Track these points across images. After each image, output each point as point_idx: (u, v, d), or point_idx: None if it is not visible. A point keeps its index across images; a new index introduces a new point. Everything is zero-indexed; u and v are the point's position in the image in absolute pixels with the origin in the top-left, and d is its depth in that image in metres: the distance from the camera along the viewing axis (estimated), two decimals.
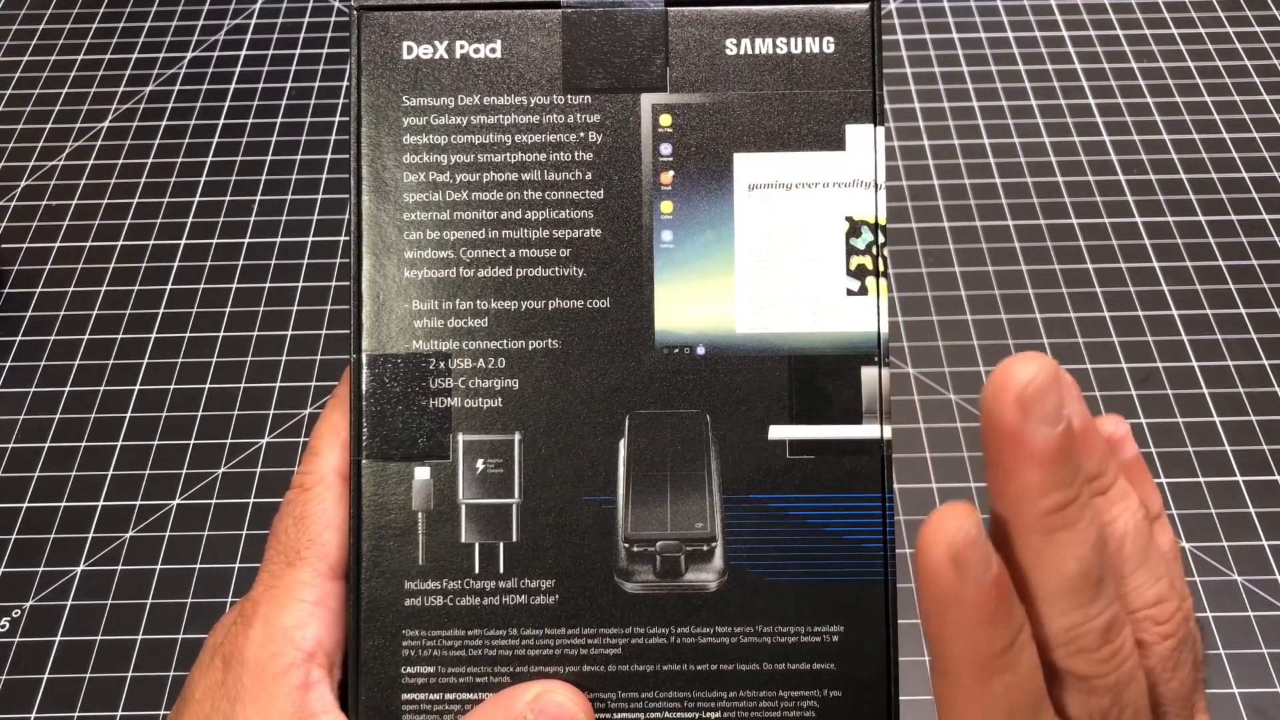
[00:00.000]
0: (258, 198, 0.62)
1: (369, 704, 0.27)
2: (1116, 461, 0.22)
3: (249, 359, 0.55)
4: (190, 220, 0.61)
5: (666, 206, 0.28)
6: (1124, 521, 0.21)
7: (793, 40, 0.28)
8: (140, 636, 0.47)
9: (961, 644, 0.20)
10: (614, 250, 0.28)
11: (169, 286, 0.58)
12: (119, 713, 0.45)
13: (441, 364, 0.28)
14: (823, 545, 0.27)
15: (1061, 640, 0.20)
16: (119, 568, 0.48)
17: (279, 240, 0.60)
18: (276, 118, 0.66)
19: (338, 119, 0.66)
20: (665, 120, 0.28)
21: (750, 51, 0.28)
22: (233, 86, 0.68)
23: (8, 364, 0.55)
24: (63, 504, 0.50)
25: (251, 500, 0.51)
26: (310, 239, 0.60)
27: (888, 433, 0.28)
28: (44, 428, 0.53)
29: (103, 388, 0.54)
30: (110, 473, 0.51)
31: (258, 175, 0.63)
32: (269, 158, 0.64)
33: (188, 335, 0.56)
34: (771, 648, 0.27)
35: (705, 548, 0.28)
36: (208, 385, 0.54)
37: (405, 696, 0.27)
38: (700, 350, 0.28)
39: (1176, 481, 0.50)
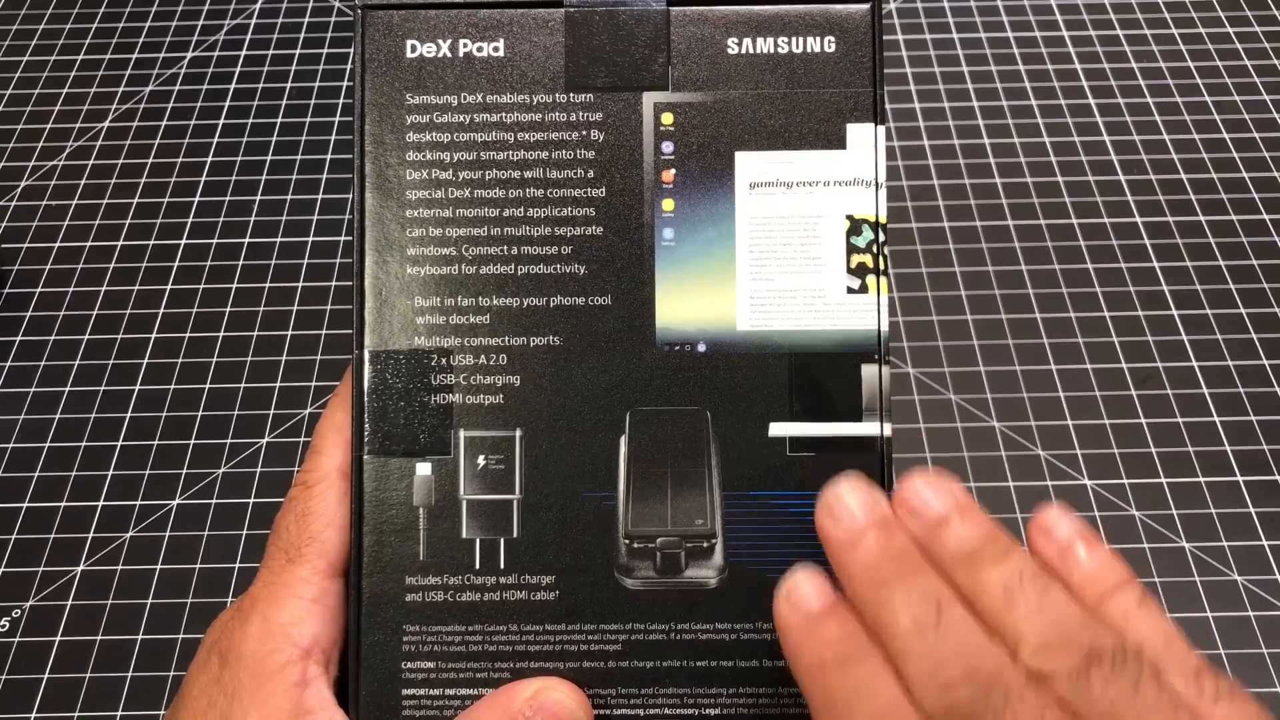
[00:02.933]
0: (258, 198, 0.62)
1: (370, 699, 0.27)
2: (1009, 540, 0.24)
3: (249, 359, 0.55)
4: (190, 220, 0.61)
5: (668, 204, 0.28)
6: (996, 576, 0.24)
7: (794, 40, 0.29)
8: (140, 636, 0.47)
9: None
10: (615, 248, 0.28)
11: (169, 286, 0.58)
12: (119, 713, 0.45)
13: (443, 360, 0.28)
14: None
15: (916, 673, 0.23)
16: (119, 568, 0.48)
17: (279, 240, 0.60)
18: (276, 118, 0.66)
19: (338, 119, 0.66)
20: (667, 119, 0.29)
21: (752, 51, 0.29)
22: (233, 86, 0.68)
23: (8, 364, 0.55)
24: (63, 504, 0.50)
25: (251, 500, 0.51)
26: (310, 239, 0.60)
27: (888, 430, 0.28)
28: (44, 428, 0.53)
29: (103, 388, 0.54)
30: (110, 473, 0.51)
31: (258, 175, 0.63)
32: (269, 158, 0.64)
33: (188, 335, 0.56)
34: (771, 644, 0.28)
35: (705, 544, 0.28)
36: (208, 385, 0.54)
37: (406, 691, 0.27)
38: (701, 347, 0.28)
39: (1176, 481, 0.50)
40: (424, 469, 0.28)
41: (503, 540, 0.28)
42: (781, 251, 0.28)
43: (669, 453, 0.28)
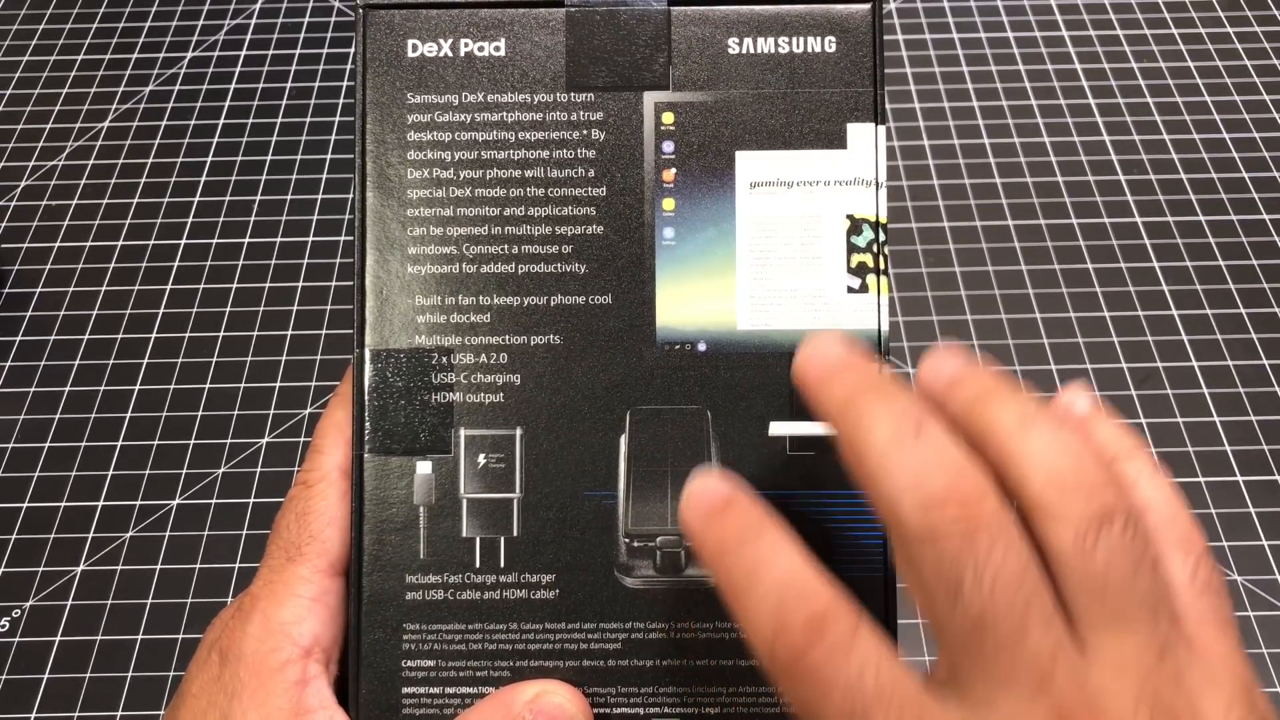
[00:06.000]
0: (258, 198, 0.62)
1: (370, 697, 0.27)
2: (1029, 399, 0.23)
3: (249, 359, 0.55)
4: (190, 220, 0.61)
5: (669, 204, 0.28)
6: (1010, 410, 0.22)
7: (794, 39, 0.29)
8: (140, 636, 0.47)
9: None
10: (616, 247, 0.28)
11: (169, 286, 0.58)
12: (119, 713, 0.45)
13: (444, 359, 0.28)
14: (822, 541, 0.27)
15: (890, 491, 0.21)
16: (119, 568, 0.48)
17: (279, 240, 0.60)
18: (276, 118, 0.66)
19: (338, 119, 0.66)
20: (668, 118, 0.29)
21: (752, 50, 0.29)
22: (233, 86, 0.68)
23: (8, 364, 0.55)
24: (63, 504, 0.50)
25: (251, 500, 0.51)
26: (310, 239, 0.60)
27: None
28: (44, 428, 0.53)
29: (103, 388, 0.54)
30: (110, 473, 0.51)
31: (258, 175, 0.63)
32: (269, 158, 0.64)
33: (188, 335, 0.56)
34: None
35: None
36: (208, 385, 0.54)
37: (406, 690, 0.27)
38: (701, 346, 0.28)
39: (1177, 481, 0.50)
40: (424, 468, 0.28)
41: (503, 539, 0.28)
42: (782, 251, 0.28)
43: (669, 452, 0.28)
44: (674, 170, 0.28)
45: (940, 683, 0.21)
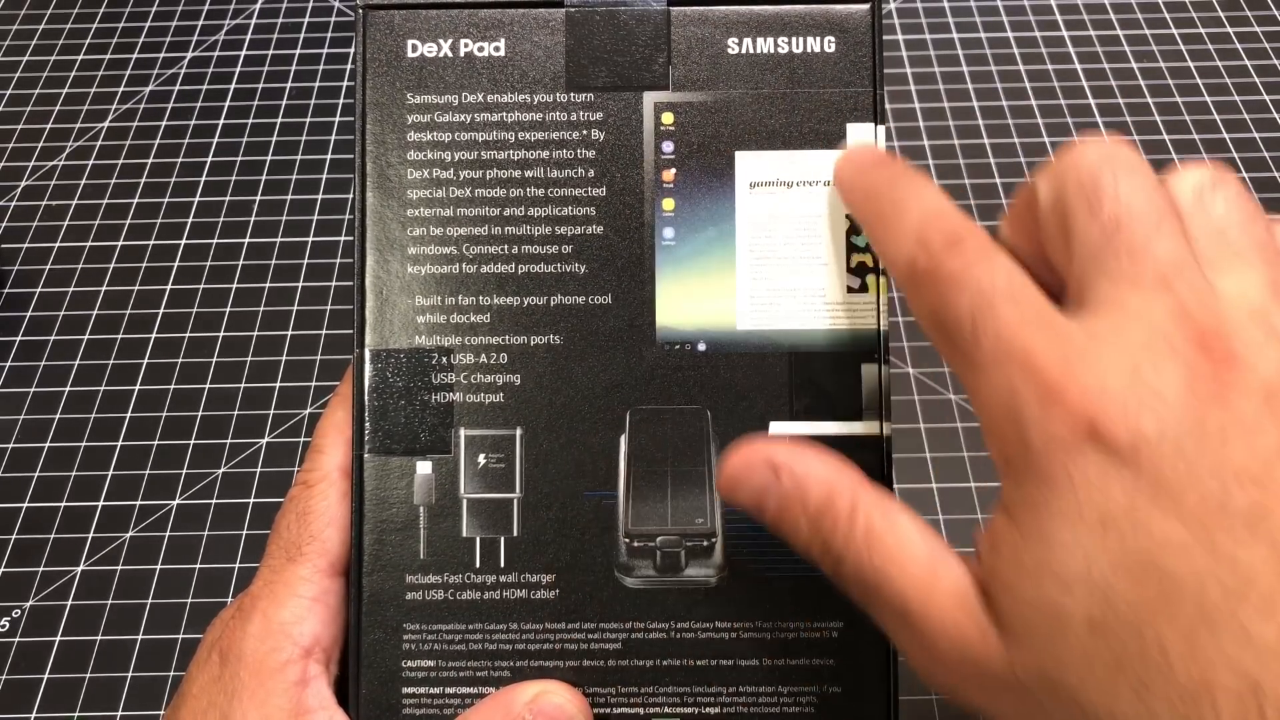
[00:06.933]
0: (258, 198, 0.62)
1: (370, 697, 0.27)
2: None
3: (249, 359, 0.55)
4: (190, 220, 0.61)
5: (668, 204, 0.28)
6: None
7: (794, 40, 0.29)
8: (140, 636, 0.47)
9: None
10: (616, 247, 0.28)
11: (169, 286, 0.58)
12: (119, 713, 0.45)
13: (444, 359, 0.28)
14: None
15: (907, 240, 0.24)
16: (119, 568, 0.48)
17: (279, 240, 0.60)
18: (276, 118, 0.66)
19: (338, 119, 0.66)
20: (667, 118, 0.29)
21: (752, 51, 0.29)
22: (233, 86, 0.68)
23: (8, 364, 0.55)
24: (63, 504, 0.50)
25: (251, 500, 0.50)
26: (310, 239, 0.60)
27: (888, 429, 0.28)
28: (44, 428, 0.53)
29: (103, 388, 0.54)
30: (110, 473, 0.51)
31: (258, 175, 0.63)
32: (269, 158, 0.64)
33: (188, 335, 0.56)
34: (771, 643, 0.28)
35: (705, 543, 0.28)
36: (208, 385, 0.54)
37: (406, 690, 0.27)
38: (701, 346, 0.28)
39: None
40: (424, 468, 0.28)
41: (503, 539, 0.28)
42: (782, 251, 0.28)
43: (669, 452, 0.28)
44: (674, 170, 0.28)
45: (1066, 303, 0.23)
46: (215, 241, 0.60)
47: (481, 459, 0.28)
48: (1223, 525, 0.19)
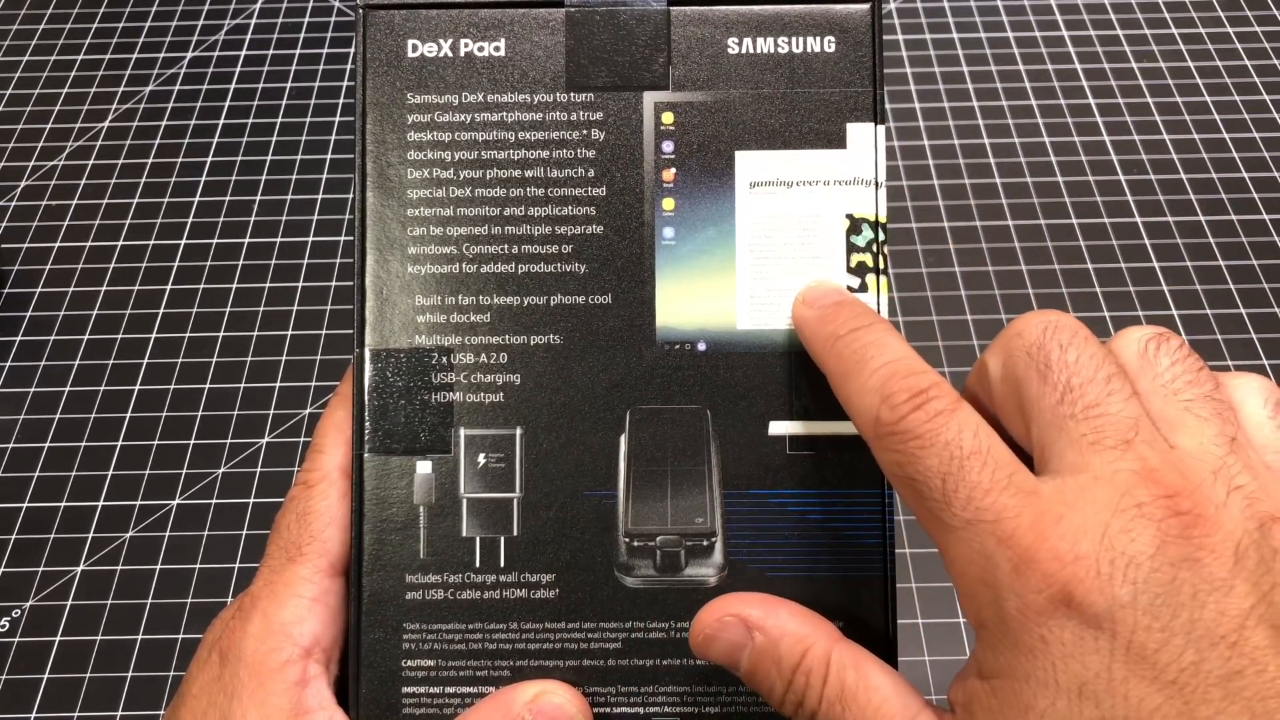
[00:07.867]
0: (258, 198, 0.62)
1: (370, 697, 0.27)
2: None
3: (249, 359, 0.55)
4: (190, 220, 0.61)
5: (668, 203, 0.28)
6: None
7: (794, 39, 0.29)
8: (140, 636, 0.47)
9: None
10: (616, 247, 0.28)
11: (169, 286, 0.58)
12: (119, 713, 0.45)
13: (444, 359, 0.28)
14: (822, 541, 0.27)
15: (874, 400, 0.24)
16: (119, 568, 0.48)
17: (279, 240, 0.60)
18: (276, 118, 0.66)
19: (338, 119, 0.66)
20: (667, 118, 0.29)
21: (752, 50, 0.29)
22: (233, 86, 0.68)
23: (8, 364, 0.55)
24: (63, 504, 0.50)
25: (251, 500, 0.51)
26: (310, 239, 0.60)
27: None
28: (44, 428, 0.53)
29: (103, 388, 0.54)
30: (110, 473, 0.51)
31: (258, 175, 0.63)
32: (269, 158, 0.64)
33: (188, 335, 0.56)
34: None
35: (705, 543, 0.28)
36: (208, 385, 0.54)
37: (406, 689, 0.27)
38: (701, 346, 0.28)
39: None
40: (424, 467, 0.28)
41: (503, 538, 0.28)
42: (781, 250, 0.28)
43: (669, 451, 0.28)
44: (674, 170, 0.28)
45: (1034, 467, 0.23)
46: (215, 241, 0.60)
47: (481, 458, 0.28)
48: (1198, 691, 0.19)
